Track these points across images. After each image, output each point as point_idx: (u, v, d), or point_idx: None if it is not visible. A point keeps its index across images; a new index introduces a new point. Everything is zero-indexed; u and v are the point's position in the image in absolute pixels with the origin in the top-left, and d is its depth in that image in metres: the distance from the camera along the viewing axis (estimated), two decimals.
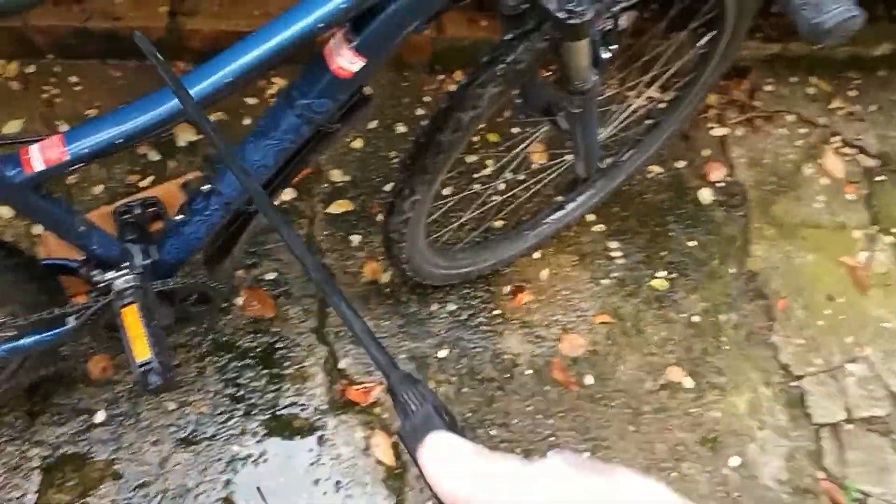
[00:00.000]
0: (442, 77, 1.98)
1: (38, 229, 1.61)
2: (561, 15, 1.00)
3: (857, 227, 1.98)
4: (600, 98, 1.61)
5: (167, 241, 1.18)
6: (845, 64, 2.20)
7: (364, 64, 0.99)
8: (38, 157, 0.93)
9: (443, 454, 0.41)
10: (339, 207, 1.77)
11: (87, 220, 1.08)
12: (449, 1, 0.97)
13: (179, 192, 1.30)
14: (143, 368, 0.99)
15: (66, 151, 0.93)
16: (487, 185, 1.75)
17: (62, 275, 1.20)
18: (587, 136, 1.37)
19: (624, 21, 1.16)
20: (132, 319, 1.02)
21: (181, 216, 1.16)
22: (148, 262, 1.17)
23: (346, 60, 0.98)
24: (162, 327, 1.15)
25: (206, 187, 1.13)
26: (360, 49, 0.97)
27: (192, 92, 0.93)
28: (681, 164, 1.98)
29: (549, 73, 1.72)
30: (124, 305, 1.04)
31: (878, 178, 2.06)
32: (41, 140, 0.94)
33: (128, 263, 1.14)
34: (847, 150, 2.09)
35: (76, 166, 0.95)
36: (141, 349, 1.00)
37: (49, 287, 1.18)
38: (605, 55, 1.15)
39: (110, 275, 1.13)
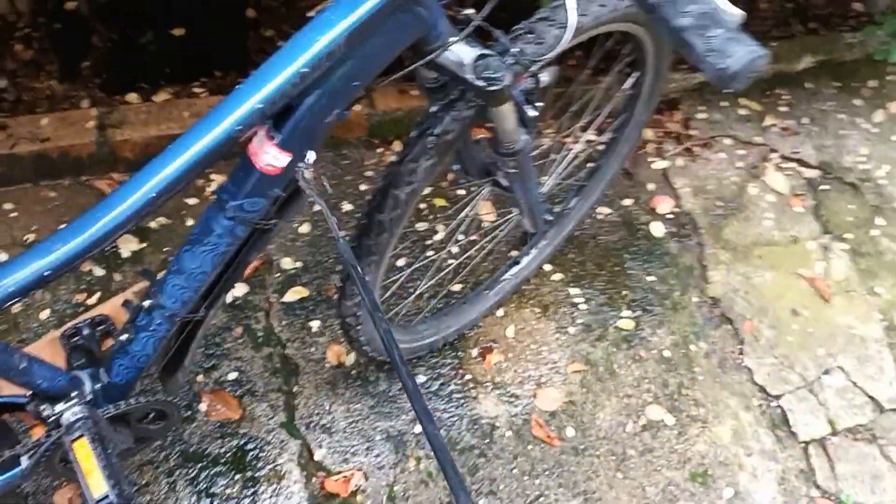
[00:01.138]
0: (381, 150, 1.99)
1: None
2: (480, 83, 1.00)
3: (809, 238, 2.00)
4: (538, 150, 1.62)
5: (115, 362, 1.14)
6: (772, 82, 2.26)
7: (290, 158, 0.98)
8: None
9: None
10: (294, 295, 1.74)
11: (28, 354, 1.04)
12: (363, 90, 0.97)
13: (122, 309, 1.26)
14: None
15: None
16: (440, 251, 1.74)
17: (11, 412, 1.16)
18: (528, 192, 1.37)
19: (546, 77, 1.18)
20: (83, 453, 0.97)
21: (126, 335, 1.12)
22: (98, 386, 1.13)
23: (271, 157, 0.97)
24: (120, 453, 1.10)
25: (147, 302, 1.10)
26: (283, 145, 0.96)
27: (119, 210, 0.91)
28: (628, 201, 2.00)
29: (483, 133, 1.73)
30: (74, 440, 0.99)
31: (822, 188, 2.10)
32: None
33: (77, 392, 1.10)
34: (787, 164, 2.13)
35: (8, 304, 0.92)
36: (96, 483, 0.95)
37: None
38: (532, 113, 1.16)
39: (59, 407, 1.08)
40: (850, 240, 2.00)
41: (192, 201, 1.84)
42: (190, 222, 1.79)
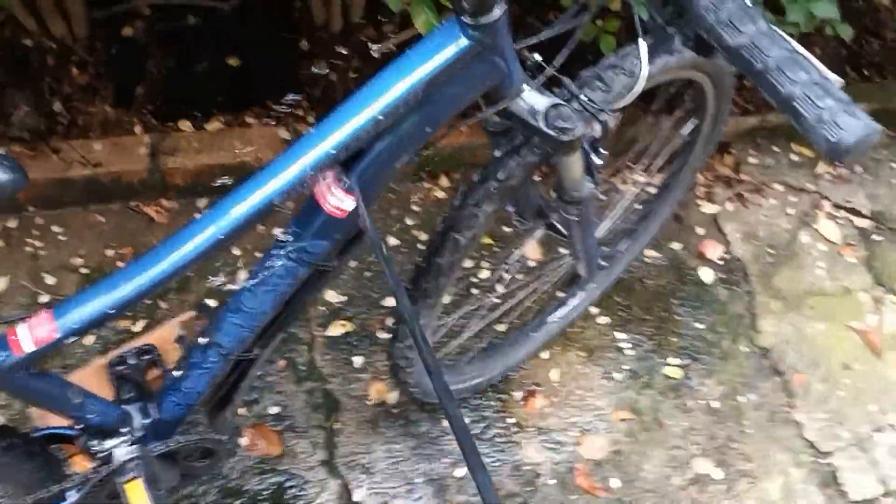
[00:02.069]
0: (428, 186, 1.97)
1: None
2: (551, 133, 0.98)
3: (861, 289, 1.95)
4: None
5: (166, 398, 1.13)
6: None
7: (359, 201, 0.96)
8: (28, 338, 0.89)
9: None
10: (338, 329, 1.72)
11: (82, 388, 1.03)
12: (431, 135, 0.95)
13: (175, 343, 1.25)
14: None
15: (56, 328, 0.89)
16: (487, 291, 1.72)
17: (58, 443, 1.14)
18: (586, 240, 1.35)
19: (611, 122, 1.15)
20: (137, 495, 0.95)
21: (179, 371, 1.11)
22: (148, 422, 1.11)
23: (338, 200, 0.95)
24: (167, 491, 1.08)
25: (203, 339, 1.08)
26: (352, 189, 0.95)
27: (185, 250, 0.90)
28: (676, 245, 1.96)
29: (540, 176, 1.71)
30: (127, 481, 0.98)
31: (874, 238, 2.05)
32: (28, 318, 0.90)
33: (127, 428, 1.09)
34: (839, 213, 2.09)
35: (69, 341, 0.91)
36: None
37: (46, 461, 1.11)
38: (598, 161, 1.14)
39: (109, 443, 1.07)
40: None
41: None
42: (236, 251, 1.78)
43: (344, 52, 1.97)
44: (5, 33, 1.86)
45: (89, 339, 1.63)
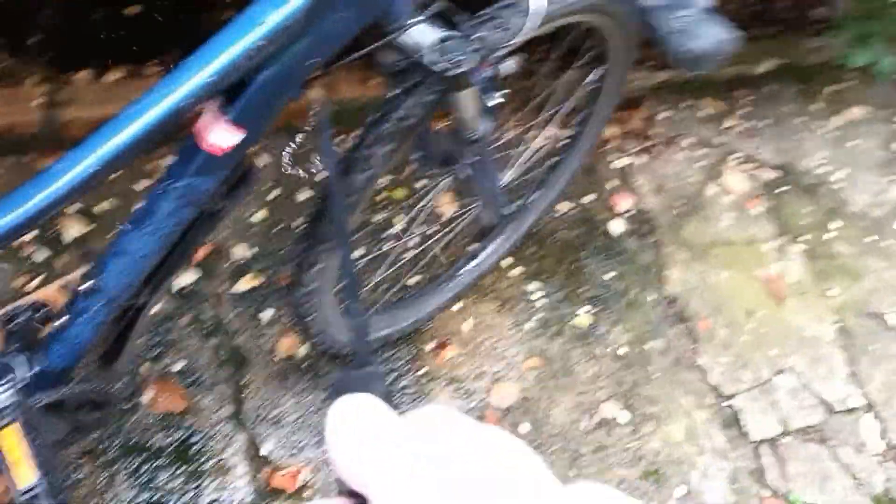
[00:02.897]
0: (342, 137, 1.94)
1: None
2: (440, 67, 0.97)
3: (766, 239, 2.01)
4: (500, 143, 1.60)
5: (51, 347, 1.09)
6: (733, 83, 2.26)
7: (243, 136, 0.94)
8: None
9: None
10: (246, 284, 1.69)
11: None
12: (322, 67, 0.93)
13: (62, 294, 1.20)
14: (27, 496, 0.89)
15: None
16: (398, 243, 1.71)
17: None
18: (488, 183, 1.35)
19: (509, 65, 1.15)
20: (11, 442, 0.92)
21: (63, 319, 1.07)
22: (32, 373, 1.07)
23: (220, 135, 0.93)
24: (53, 444, 1.05)
25: (86, 285, 1.05)
26: (237, 121, 0.92)
27: (59, 184, 0.87)
28: (588, 198, 1.99)
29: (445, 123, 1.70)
30: (2, 427, 0.94)
31: (780, 190, 2.11)
32: None
33: (8, 378, 1.05)
34: (747, 165, 2.14)
35: None
36: (24, 474, 0.90)
37: None
38: (494, 102, 1.13)
39: None
40: (806, 242, 2.01)
41: (141, 185, 1.77)
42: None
43: None
44: None
45: None
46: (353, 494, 0.34)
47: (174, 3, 1.89)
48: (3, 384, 1.03)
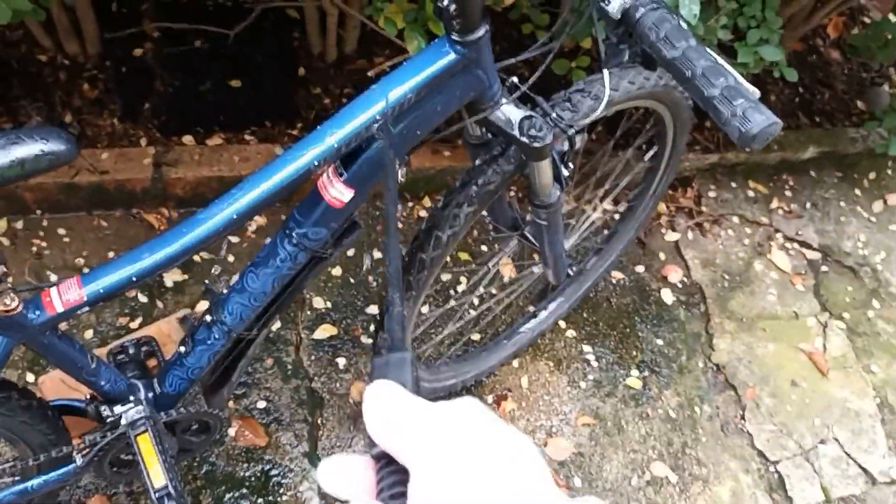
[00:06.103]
0: (411, 204, 2.12)
1: (29, 377, 1.65)
2: (525, 140, 1.13)
3: (809, 315, 2.11)
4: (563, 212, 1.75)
5: (170, 372, 1.24)
6: (778, 168, 2.40)
7: (353, 195, 1.10)
8: (58, 300, 1.00)
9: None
10: (323, 332, 1.84)
11: (98, 357, 1.14)
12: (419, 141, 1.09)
13: (177, 326, 1.36)
14: (159, 494, 1.03)
15: (84, 293, 1.01)
16: (463, 301, 1.85)
17: (65, 415, 1.25)
18: (554, 246, 1.49)
19: (578, 141, 1.31)
20: (147, 447, 1.06)
21: (183, 347, 1.22)
22: (152, 394, 1.22)
23: (337, 192, 1.09)
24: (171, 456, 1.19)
25: (208, 317, 1.20)
26: (349, 182, 1.08)
27: (204, 228, 1.02)
28: (640, 268, 2.12)
29: (514, 193, 1.87)
30: (139, 434, 1.08)
31: (822, 269, 2.21)
32: (59, 284, 1.02)
33: (135, 397, 1.20)
34: (790, 245, 2.25)
35: (94, 305, 1.03)
36: (157, 476, 1.04)
37: (56, 427, 1.22)
38: (565, 172, 1.29)
39: (119, 409, 1.18)
40: (848, 319, 2.11)
41: (234, 239, 1.95)
42: (231, 258, 1.90)
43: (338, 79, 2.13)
44: (21, 49, 2.00)
45: (88, 333, 1.74)
46: (380, 458, 0.37)
47: (273, 78, 2.11)
48: (132, 401, 1.18)
